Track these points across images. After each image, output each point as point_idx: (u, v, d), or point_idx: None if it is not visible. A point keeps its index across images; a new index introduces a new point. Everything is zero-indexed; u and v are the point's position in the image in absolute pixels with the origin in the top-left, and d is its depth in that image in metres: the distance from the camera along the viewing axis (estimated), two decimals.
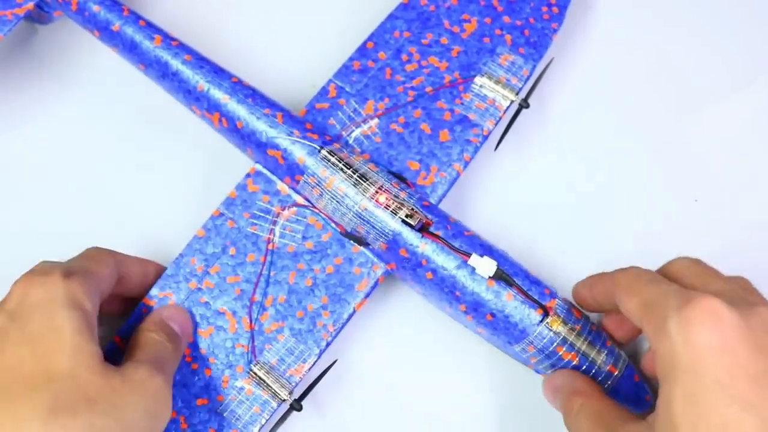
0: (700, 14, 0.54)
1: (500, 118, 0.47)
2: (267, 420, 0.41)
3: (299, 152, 0.44)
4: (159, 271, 0.44)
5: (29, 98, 0.51)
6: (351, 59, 0.48)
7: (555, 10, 0.51)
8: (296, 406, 0.42)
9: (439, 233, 0.42)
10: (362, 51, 0.49)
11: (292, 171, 0.44)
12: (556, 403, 0.42)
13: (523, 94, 0.48)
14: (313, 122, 0.46)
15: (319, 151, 0.43)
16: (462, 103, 0.47)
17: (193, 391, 0.41)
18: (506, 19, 0.50)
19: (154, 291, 0.43)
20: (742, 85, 0.52)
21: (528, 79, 0.49)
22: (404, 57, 0.49)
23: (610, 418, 0.38)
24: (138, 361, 0.38)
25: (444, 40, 0.49)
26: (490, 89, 0.48)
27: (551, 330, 0.41)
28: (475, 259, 0.41)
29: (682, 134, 0.50)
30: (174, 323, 0.41)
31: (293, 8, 0.54)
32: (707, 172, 0.49)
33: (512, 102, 0.47)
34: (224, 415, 0.41)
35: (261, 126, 0.44)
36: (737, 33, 0.53)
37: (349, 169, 0.43)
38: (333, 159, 0.43)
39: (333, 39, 0.52)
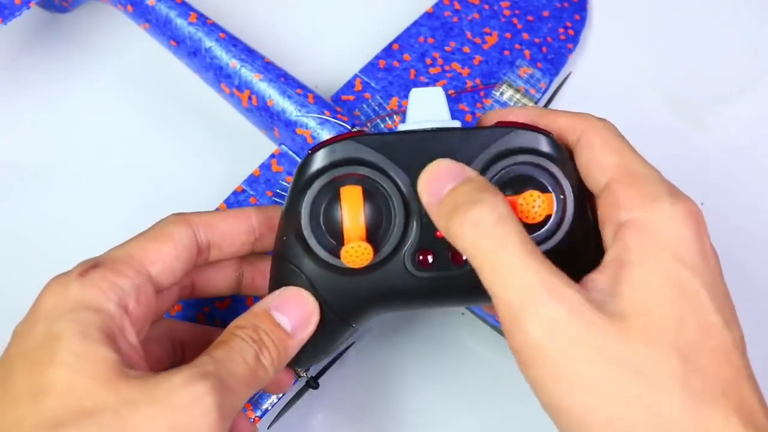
0: (706, 17, 0.55)
1: None
2: (282, 395, 0.40)
3: (329, 132, 0.44)
4: (272, 218, 0.36)
5: (56, 81, 0.51)
6: (377, 57, 0.49)
7: (571, 32, 0.53)
8: (312, 384, 0.40)
9: None
10: (388, 51, 0.50)
11: None
12: (449, 212, 0.30)
13: (541, 104, 0.50)
14: (341, 108, 0.47)
15: (350, 131, 0.44)
16: (482, 107, 0.49)
17: None
18: (525, 35, 0.52)
19: None
20: (749, 88, 0.53)
21: (546, 91, 0.50)
22: (428, 61, 0.50)
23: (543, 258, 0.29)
24: (185, 366, 0.29)
25: (466, 49, 0.51)
26: (510, 97, 0.49)
27: None
28: None
29: (688, 137, 0.51)
30: (284, 315, 0.32)
31: (314, 7, 0.55)
32: (713, 176, 0.50)
33: None
34: None
35: (291, 105, 0.44)
36: (743, 35, 0.54)
37: None
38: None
39: (353, 39, 0.53)
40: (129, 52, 0.52)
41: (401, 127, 0.34)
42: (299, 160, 0.45)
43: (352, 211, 0.31)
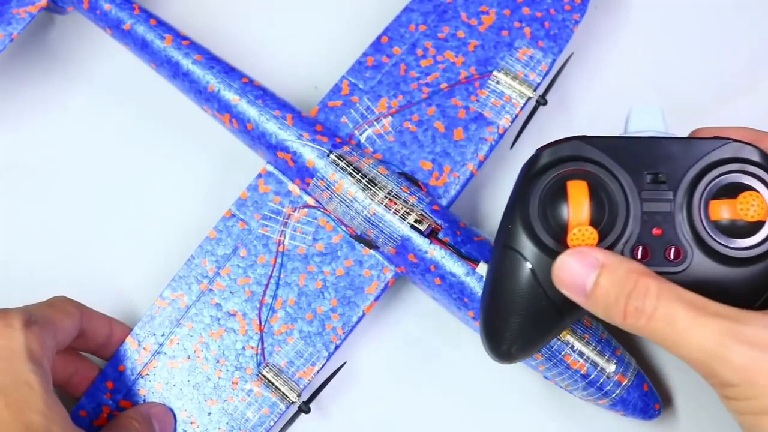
0: (705, 17, 0.52)
1: (516, 116, 0.46)
2: (275, 422, 0.42)
3: (309, 155, 0.43)
4: (125, 333, 0.43)
5: (41, 94, 0.51)
6: (365, 55, 0.47)
7: (577, 0, 0.49)
8: (304, 408, 0.42)
9: (448, 240, 0.42)
10: (376, 46, 0.48)
11: (302, 173, 0.44)
12: (594, 291, 0.32)
13: (540, 90, 0.47)
14: (324, 122, 0.46)
15: (329, 155, 0.43)
16: (477, 100, 0.46)
17: (203, 392, 0.42)
18: (526, 10, 0.48)
19: (167, 293, 0.44)
20: (749, 88, 0.50)
21: (547, 74, 0.47)
22: (419, 52, 0.47)
23: (710, 306, 0.31)
24: None
25: (461, 33, 0.48)
26: (507, 85, 0.46)
27: (559, 338, 0.41)
28: (483, 267, 0.41)
29: None
30: (157, 423, 0.41)
31: (307, 4, 0.53)
32: None
33: (529, 98, 0.46)
34: (233, 416, 0.42)
35: (271, 128, 0.44)
36: (743, 35, 0.52)
37: (358, 173, 0.43)
38: (342, 163, 0.43)
39: (349, 35, 0.51)
40: (120, 62, 0.52)
41: (623, 135, 0.37)
42: (285, 180, 0.45)
43: (578, 202, 0.33)
